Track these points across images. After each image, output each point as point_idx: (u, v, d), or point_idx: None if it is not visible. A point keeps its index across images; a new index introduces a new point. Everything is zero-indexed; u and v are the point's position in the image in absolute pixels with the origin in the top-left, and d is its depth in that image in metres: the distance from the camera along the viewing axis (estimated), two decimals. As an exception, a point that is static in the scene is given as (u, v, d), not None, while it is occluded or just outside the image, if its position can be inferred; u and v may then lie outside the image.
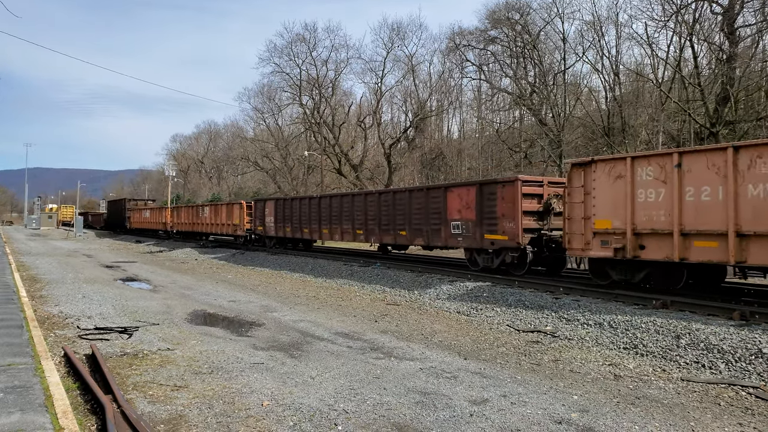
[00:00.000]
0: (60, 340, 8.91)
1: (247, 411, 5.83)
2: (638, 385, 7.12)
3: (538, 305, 11.55)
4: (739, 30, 30.23)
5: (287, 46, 55.35)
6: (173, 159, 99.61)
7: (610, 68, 37.93)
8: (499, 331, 10.37)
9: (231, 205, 32.45)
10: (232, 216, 31.55)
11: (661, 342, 8.70)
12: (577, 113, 41.41)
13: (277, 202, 27.39)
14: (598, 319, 10.07)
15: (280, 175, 61.64)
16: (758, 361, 7.53)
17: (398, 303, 13.61)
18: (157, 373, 7.14)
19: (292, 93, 57.61)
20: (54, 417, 5.11)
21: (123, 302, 13.04)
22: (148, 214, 48.66)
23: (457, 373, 7.43)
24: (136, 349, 8.46)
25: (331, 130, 54.20)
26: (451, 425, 5.54)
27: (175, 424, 5.44)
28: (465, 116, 59.16)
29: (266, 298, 14.46)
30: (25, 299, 12.45)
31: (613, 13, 46.33)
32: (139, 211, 52.46)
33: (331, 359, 8.07)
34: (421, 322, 11.21)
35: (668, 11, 32.08)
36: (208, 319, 11.51)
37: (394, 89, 56.42)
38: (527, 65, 44.88)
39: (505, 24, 43.85)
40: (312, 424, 5.50)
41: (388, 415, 5.78)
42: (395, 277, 16.47)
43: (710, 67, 33.24)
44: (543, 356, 8.55)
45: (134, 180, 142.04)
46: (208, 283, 17.50)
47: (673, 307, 10.23)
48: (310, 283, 17.72)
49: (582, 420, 5.75)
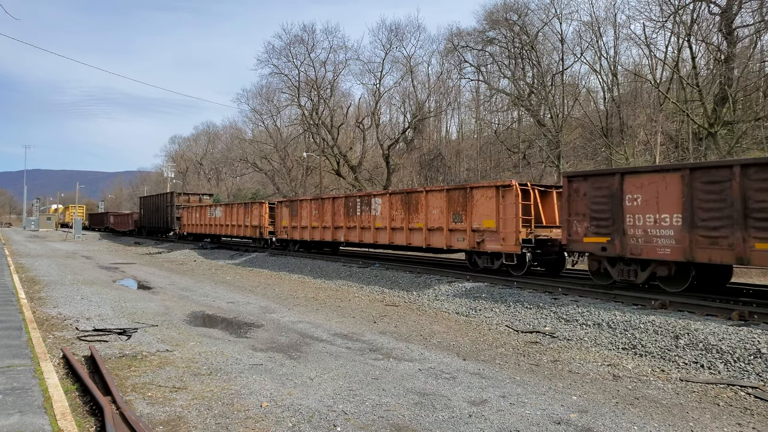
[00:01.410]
0: (59, 342, 8.90)
1: (245, 412, 5.82)
2: (637, 385, 7.13)
3: (537, 306, 11.55)
4: (737, 30, 30.30)
5: (286, 47, 55.38)
6: (172, 160, 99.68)
7: (608, 69, 38.00)
8: (498, 332, 10.37)
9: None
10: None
11: (659, 342, 8.71)
12: (576, 114, 41.47)
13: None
14: (596, 320, 10.07)
15: (278, 177, 61.62)
16: (757, 361, 7.54)
17: (397, 304, 13.61)
18: (155, 375, 7.14)
19: (291, 94, 57.63)
20: (53, 418, 5.11)
21: (122, 304, 13.02)
22: (219, 213, 33.70)
23: (456, 374, 7.43)
24: (135, 350, 8.45)
25: (329, 131, 54.20)
26: (450, 426, 5.54)
27: (174, 426, 5.44)
28: (463, 117, 59.23)
29: (265, 299, 14.45)
30: (24, 301, 12.43)
31: (611, 13, 46.38)
32: (197, 210, 37.64)
33: (330, 360, 8.07)
34: (419, 323, 11.21)
35: (666, 12, 32.15)
36: (207, 320, 11.50)
37: (392, 90, 56.45)
38: (525, 66, 44.92)
39: (503, 25, 43.88)
40: (311, 425, 5.49)
41: (387, 416, 5.78)
42: (394, 278, 16.47)
43: (708, 67, 33.30)
44: (542, 357, 8.55)
45: (133, 181, 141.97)
46: (207, 285, 17.49)
47: (671, 307, 10.24)
48: (309, 284, 17.71)
49: (581, 420, 5.75)
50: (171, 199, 41.96)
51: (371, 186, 51.43)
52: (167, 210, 42.26)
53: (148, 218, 48.16)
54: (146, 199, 51.98)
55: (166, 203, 42.95)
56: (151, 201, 48.83)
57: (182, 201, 41.56)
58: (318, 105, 55.13)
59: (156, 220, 45.53)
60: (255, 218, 28.80)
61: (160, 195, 46.56)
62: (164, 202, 43.63)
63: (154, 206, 46.60)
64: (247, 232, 29.56)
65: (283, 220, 26.21)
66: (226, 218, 32.09)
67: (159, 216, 44.52)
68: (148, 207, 48.90)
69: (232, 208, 31.45)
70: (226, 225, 32.06)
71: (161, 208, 44.11)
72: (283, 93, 59.14)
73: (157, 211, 45.40)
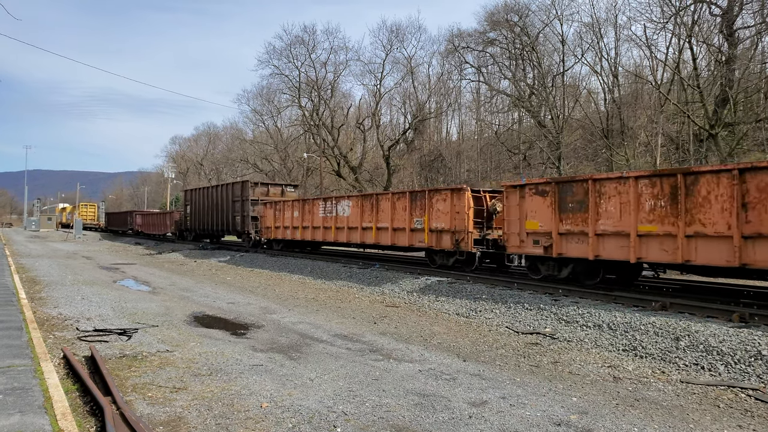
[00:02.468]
0: (59, 342, 8.90)
1: (246, 413, 5.83)
2: (637, 386, 7.13)
3: (537, 307, 11.55)
4: (738, 32, 30.31)
5: (286, 48, 55.53)
6: (172, 161, 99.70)
7: (609, 70, 38.04)
8: (498, 333, 10.37)
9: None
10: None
11: (660, 344, 8.70)
12: (576, 115, 41.52)
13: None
14: (597, 321, 10.07)
15: (279, 177, 61.65)
16: (758, 363, 7.54)
17: (397, 305, 13.61)
18: (156, 375, 7.14)
19: (291, 95, 57.73)
20: (53, 419, 5.11)
21: (122, 304, 13.03)
22: (345, 208, 21.39)
23: (456, 375, 7.43)
24: (136, 350, 8.46)
25: (330, 132, 54.24)
26: (450, 427, 5.54)
27: (174, 426, 5.44)
28: (464, 118, 59.32)
29: (265, 299, 14.45)
30: (24, 301, 12.44)
31: (611, 14, 46.44)
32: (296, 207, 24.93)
33: (330, 361, 8.07)
34: (420, 324, 11.21)
35: (667, 13, 32.17)
36: (208, 320, 11.50)
37: (393, 91, 56.57)
38: (526, 67, 44.96)
39: (504, 26, 43.93)
40: (311, 425, 5.49)
41: (387, 417, 5.78)
42: (394, 278, 16.47)
43: (709, 68, 33.32)
44: (542, 358, 8.55)
45: (133, 182, 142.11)
46: (207, 285, 17.50)
47: (672, 308, 10.24)
48: (310, 284, 17.72)
49: (581, 422, 5.75)
50: (243, 192, 30.02)
51: (372, 187, 51.47)
52: (234, 207, 30.83)
53: (200, 218, 35.82)
54: (197, 192, 37.34)
55: (232, 197, 31.13)
56: (206, 195, 35.19)
57: (259, 194, 29.89)
58: (318, 106, 55.20)
59: (214, 221, 33.59)
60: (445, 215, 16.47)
61: (223, 186, 33.16)
62: (229, 195, 31.61)
63: (211, 202, 34.13)
64: (420, 240, 17.58)
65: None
66: (364, 217, 20.14)
67: (219, 215, 32.76)
68: (200, 203, 35.96)
69: (380, 201, 19.38)
70: (364, 229, 20.13)
71: (223, 204, 32.33)
72: (284, 94, 59.31)
73: (215, 208, 33.37)
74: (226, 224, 31.96)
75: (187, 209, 38.52)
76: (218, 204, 33.09)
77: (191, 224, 37.63)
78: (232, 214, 31.16)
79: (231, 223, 31.36)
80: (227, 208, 31.82)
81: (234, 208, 30.98)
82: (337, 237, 21.81)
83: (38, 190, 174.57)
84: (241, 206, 30.24)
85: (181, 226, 39.80)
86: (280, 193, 30.86)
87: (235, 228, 30.98)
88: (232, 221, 31.21)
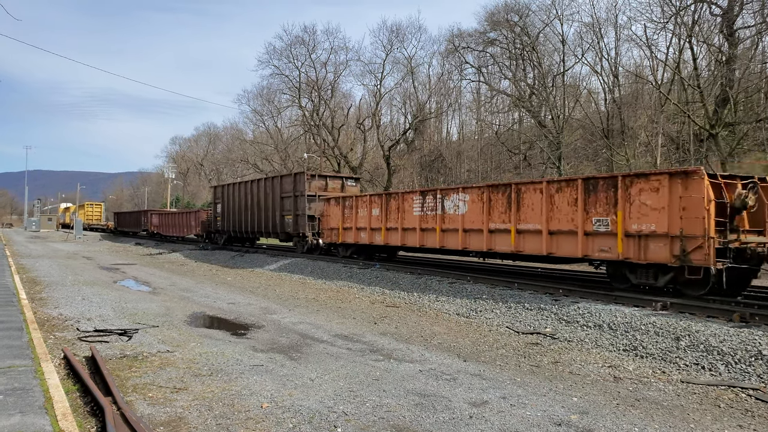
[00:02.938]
0: (60, 342, 8.91)
1: (246, 413, 5.83)
2: (638, 386, 7.13)
3: (538, 307, 11.55)
4: (738, 31, 30.29)
5: (286, 48, 55.48)
6: (173, 161, 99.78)
7: (609, 70, 38.04)
8: (499, 333, 10.37)
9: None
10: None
11: (660, 344, 8.70)
12: (577, 115, 41.50)
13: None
14: (597, 321, 10.07)
15: (279, 177, 61.63)
16: (758, 362, 7.54)
17: (397, 305, 13.61)
18: (156, 375, 7.14)
19: (292, 95, 57.71)
20: (54, 419, 5.11)
21: (122, 304, 13.03)
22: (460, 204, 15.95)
23: (457, 375, 7.43)
24: (136, 351, 8.46)
25: (330, 132, 54.25)
26: (451, 427, 5.54)
27: (174, 426, 5.44)
28: (464, 118, 59.29)
29: (266, 300, 14.45)
30: (24, 301, 12.44)
31: (612, 14, 46.46)
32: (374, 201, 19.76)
33: (331, 361, 8.07)
34: (420, 324, 11.21)
35: (667, 13, 32.15)
36: (208, 321, 11.51)
37: (393, 91, 56.54)
38: (526, 67, 44.95)
39: (504, 26, 43.92)
40: (311, 426, 5.50)
41: (388, 417, 5.78)
42: (394, 279, 16.47)
43: (710, 68, 33.30)
44: (542, 358, 8.55)
45: (134, 182, 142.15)
46: (207, 286, 17.50)
47: (672, 308, 10.24)
48: (310, 285, 17.72)
49: (582, 422, 5.75)
50: (296, 186, 24.57)
51: (372, 187, 51.46)
52: (283, 204, 25.62)
53: (235, 218, 30.49)
54: (231, 189, 31.33)
55: (280, 192, 25.88)
56: (244, 191, 29.51)
57: (316, 188, 24.35)
58: (319, 106, 55.21)
59: (254, 222, 28.33)
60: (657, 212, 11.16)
61: (268, 180, 27.77)
62: (275, 190, 26.35)
63: (250, 199, 28.75)
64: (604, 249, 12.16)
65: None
66: (492, 215, 14.85)
67: (261, 214, 27.62)
68: (235, 201, 30.45)
69: (522, 193, 14.05)
70: (492, 231, 14.89)
71: (267, 201, 27.10)
72: (284, 94, 59.28)
73: (256, 206, 28.11)
74: (272, 225, 26.66)
75: (217, 208, 32.76)
76: (260, 201, 27.81)
77: (223, 225, 32.10)
78: (279, 212, 25.97)
79: (278, 224, 26.02)
80: (273, 205, 26.61)
81: (283, 206, 25.77)
82: (444, 242, 16.56)
83: (39, 190, 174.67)
84: (294, 203, 24.84)
85: (210, 228, 34.14)
86: (340, 188, 25.15)
87: (284, 229, 25.68)
88: (279, 221, 25.94)
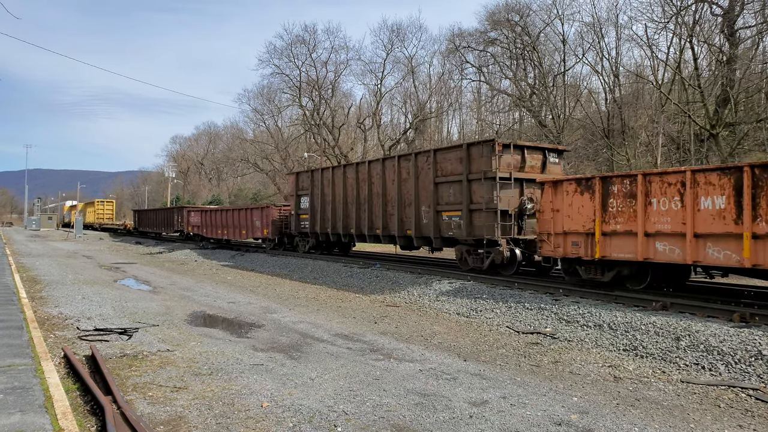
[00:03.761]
0: (60, 341, 8.91)
1: (246, 412, 5.83)
2: (638, 386, 7.12)
3: (538, 306, 11.55)
4: (739, 31, 30.30)
5: (287, 47, 55.56)
6: (173, 160, 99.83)
7: (609, 70, 38.03)
8: (499, 333, 10.37)
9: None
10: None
11: (660, 344, 8.70)
12: (577, 115, 41.49)
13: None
14: (597, 321, 10.07)
15: (279, 177, 61.69)
16: (758, 362, 7.54)
17: (398, 304, 13.61)
18: (156, 375, 7.14)
19: (292, 94, 57.77)
20: (54, 418, 5.11)
21: (123, 303, 13.03)
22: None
23: (457, 375, 7.43)
24: (136, 350, 8.46)
25: (330, 131, 54.26)
26: (451, 427, 5.53)
27: (174, 426, 5.44)
28: (465, 118, 59.29)
29: (266, 299, 14.46)
30: (25, 300, 12.45)
31: (612, 14, 46.48)
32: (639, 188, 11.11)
33: (331, 360, 8.07)
34: (420, 324, 11.21)
35: (668, 13, 32.16)
36: (208, 320, 11.51)
37: (393, 91, 56.59)
38: (527, 67, 44.94)
39: (505, 25, 43.92)
40: (311, 425, 5.49)
41: (388, 417, 5.78)
42: (395, 278, 16.46)
43: (710, 68, 33.31)
44: (543, 358, 8.55)
45: (134, 181, 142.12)
46: (207, 285, 17.50)
47: (672, 308, 10.24)
48: (310, 284, 17.72)
49: (582, 422, 5.75)
50: (476, 162, 15.48)
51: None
52: (440, 192, 16.74)
53: (334, 216, 21.91)
54: (335, 173, 22.28)
55: (435, 174, 16.80)
56: (359, 176, 20.60)
57: (507, 166, 15.14)
58: (319, 105, 55.23)
59: (376, 220, 19.50)
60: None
61: (411, 157, 17.94)
62: (427, 171, 17.13)
63: (370, 187, 19.89)
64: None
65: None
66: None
67: (390, 210, 18.88)
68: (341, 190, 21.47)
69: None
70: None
71: (406, 188, 18.11)
72: (285, 93, 59.35)
73: (377, 198, 19.40)
74: (413, 225, 17.48)
75: (301, 202, 24.53)
76: (387, 191, 18.89)
77: (312, 225, 23.64)
78: (430, 207, 16.75)
79: (426, 225, 17.02)
80: (416, 196, 17.39)
81: (438, 197, 16.60)
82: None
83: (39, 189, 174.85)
84: (465, 191, 15.58)
85: (288, 229, 26.25)
86: (540, 165, 15.79)
87: (439, 232, 16.59)
88: (431, 220, 16.73)
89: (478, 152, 15.51)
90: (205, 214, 35.47)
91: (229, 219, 31.70)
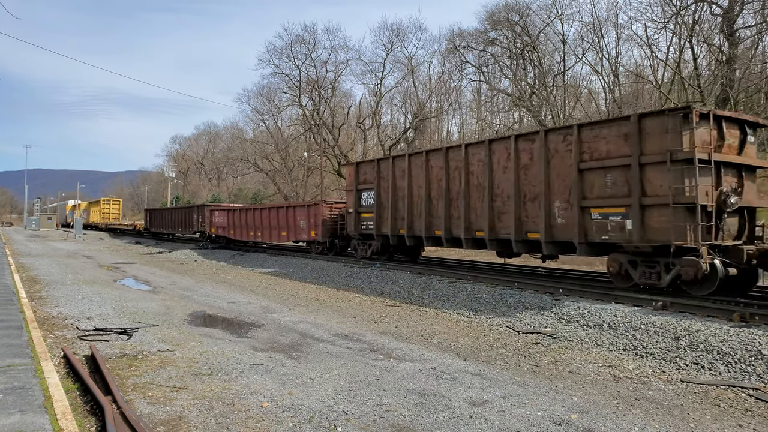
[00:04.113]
0: (59, 341, 8.91)
1: (246, 412, 5.83)
2: (638, 386, 7.12)
3: (538, 306, 11.54)
4: (738, 31, 30.30)
5: (287, 47, 55.50)
6: (173, 160, 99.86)
7: (609, 70, 38.05)
8: (499, 333, 10.37)
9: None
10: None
11: (660, 343, 8.70)
12: (577, 114, 41.48)
13: None
14: (597, 321, 10.07)
15: (279, 177, 61.69)
16: (758, 362, 7.53)
17: (397, 304, 13.61)
18: (156, 374, 7.14)
19: (292, 94, 57.74)
20: (53, 418, 5.11)
21: (122, 303, 13.03)
22: None
23: (457, 375, 7.43)
24: (136, 350, 8.46)
25: (330, 131, 54.26)
26: (451, 426, 5.53)
27: (174, 425, 5.44)
28: (465, 117, 59.34)
29: (266, 299, 14.45)
30: (24, 300, 12.44)
31: (612, 14, 46.43)
32: None
33: (331, 360, 8.07)
34: (420, 324, 11.20)
35: (668, 13, 32.16)
36: (208, 320, 11.51)
37: (393, 90, 56.59)
38: (527, 67, 44.95)
39: (505, 25, 43.92)
40: (311, 425, 5.49)
41: (388, 417, 5.78)
42: (395, 278, 16.46)
43: (710, 68, 33.30)
44: (543, 357, 8.55)
45: (134, 181, 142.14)
46: (207, 285, 17.50)
47: (672, 308, 10.23)
48: (310, 284, 17.71)
49: (582, 421, 5.75)
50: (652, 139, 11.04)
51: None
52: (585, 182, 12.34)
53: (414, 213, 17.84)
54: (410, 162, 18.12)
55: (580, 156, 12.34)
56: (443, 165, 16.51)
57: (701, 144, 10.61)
58: (319, 105, 55.21)
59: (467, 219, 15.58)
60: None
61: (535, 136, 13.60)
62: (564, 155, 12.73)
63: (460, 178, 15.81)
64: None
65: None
66: None
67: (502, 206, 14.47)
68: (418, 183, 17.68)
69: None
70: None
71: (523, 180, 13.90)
72: (284, 93, 59.33)
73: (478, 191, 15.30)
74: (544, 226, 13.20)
75: (361, 198, 20.54)
76: (494, 181, 14.83)
77: (378, 226, 19.63)
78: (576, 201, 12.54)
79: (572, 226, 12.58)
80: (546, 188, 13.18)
81: (585, 187, 12.43)
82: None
83: (38, 189, 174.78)
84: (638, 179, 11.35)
85: (344, 229, 22.16)
86: (738, 144, 11.66)
87: (584, 236, 12.40)
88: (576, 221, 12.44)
89: (658, 125, 11.19)
90: (232, 214, 31.06)
91: (264, 219, 27.73)
